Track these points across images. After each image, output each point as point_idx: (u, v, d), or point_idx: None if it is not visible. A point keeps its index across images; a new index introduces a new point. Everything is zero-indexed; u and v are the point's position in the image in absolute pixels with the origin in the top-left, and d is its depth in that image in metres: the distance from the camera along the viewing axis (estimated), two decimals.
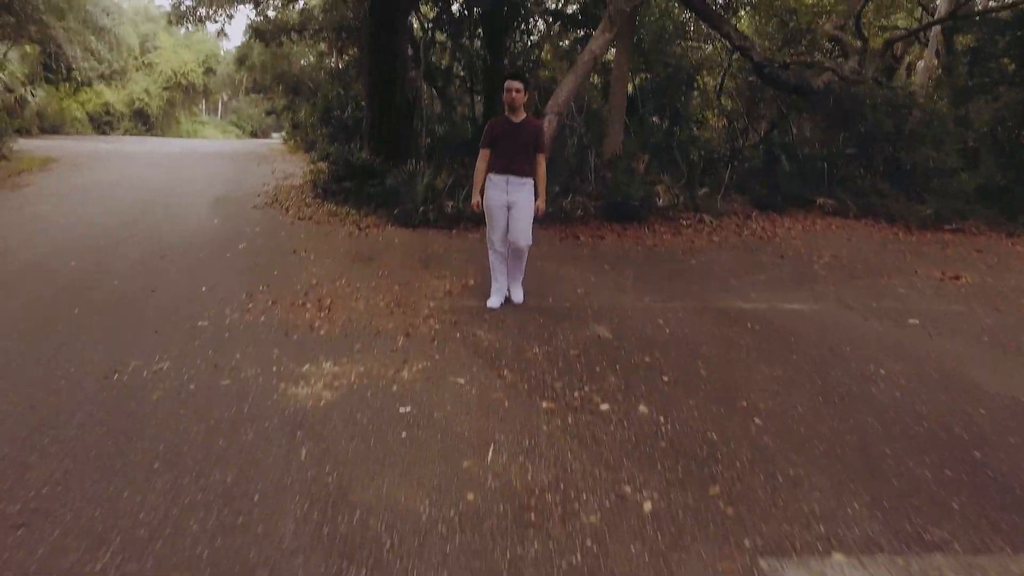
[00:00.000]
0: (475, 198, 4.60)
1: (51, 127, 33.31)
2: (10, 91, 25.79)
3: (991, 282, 6.03)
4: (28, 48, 24.44)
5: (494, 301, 4.66)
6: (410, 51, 9.64)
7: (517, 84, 4.37)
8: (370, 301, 4.79)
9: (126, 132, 40.37)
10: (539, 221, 4.83)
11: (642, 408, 3.08)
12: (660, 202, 10.23)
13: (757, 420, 2.99)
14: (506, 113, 4.50)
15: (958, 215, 9.59)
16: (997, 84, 11.41)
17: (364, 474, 2.45)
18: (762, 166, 12.38)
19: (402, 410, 3.00)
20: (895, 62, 17.75)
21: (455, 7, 12.33)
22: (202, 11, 19.50)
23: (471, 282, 5.35)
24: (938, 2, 15.25)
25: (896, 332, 4.45)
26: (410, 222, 8.32)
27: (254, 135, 51.37)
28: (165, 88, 44.43)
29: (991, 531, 2.17)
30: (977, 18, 12.58)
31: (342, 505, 2.24)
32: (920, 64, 21.00)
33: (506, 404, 3.09)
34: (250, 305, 4.62)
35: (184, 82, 45.11)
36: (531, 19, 11.94)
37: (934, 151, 10.70)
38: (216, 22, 20.22)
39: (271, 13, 20.98)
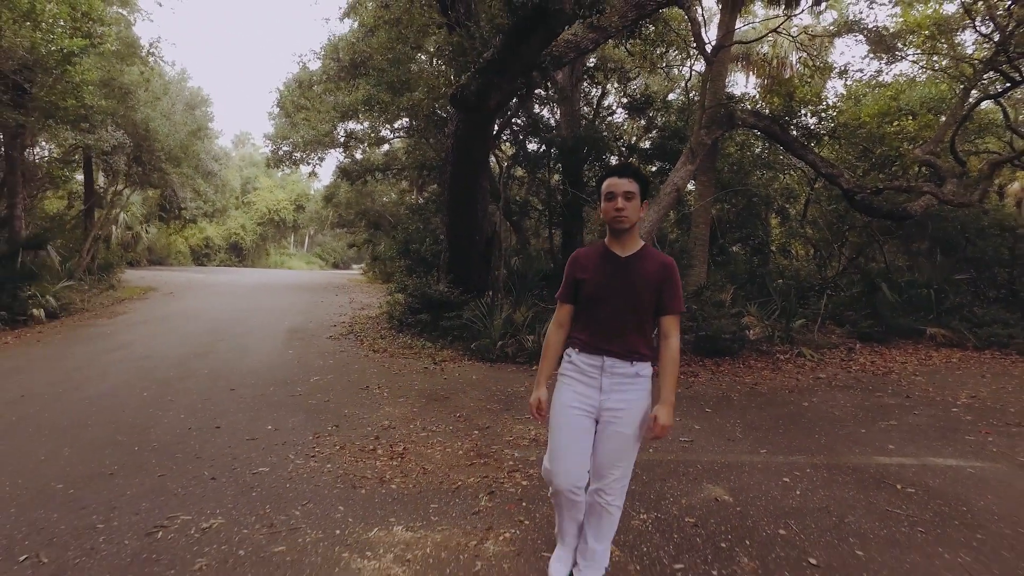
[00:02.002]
0: (536, 394, 2.50)
1: (157, 259, 36.21)
2: (129, 229, 28.20)
3: None
4: (150, 192, 26.95)
5: (558, 570, 2.54)
6: (488, 185, 9.74)
7: (626, 184, 2.38)
8: (447, 449, 4.29)
9: (221, 263, 43.38)
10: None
11: None
12: (751, 335, 9.57)
13: None
14: (606, 241, 2.49)
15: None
16: None
17: None
18: (859, 295, 11.57)
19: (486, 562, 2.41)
20: (989, 185, 16.98)
21: (532, 145, 12.66)
22: (297, 155, 21.03)
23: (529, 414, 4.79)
24: None
25: None
26: (488, 356, 7.95)
27: (335, 266, 54.07)
28: (259, 224, 48.08)
29: None
30: None
31: None
32: (1013, 187, 20.10)
33: None
34: (316, 449, 4.20)
35: (276, 218, 48.69)
36: (608, 154, 12.04)
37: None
38: (309, 164, 21.76)
39: (358, 155, 22.53)
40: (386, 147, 23.32)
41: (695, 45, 9.82)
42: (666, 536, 2.97)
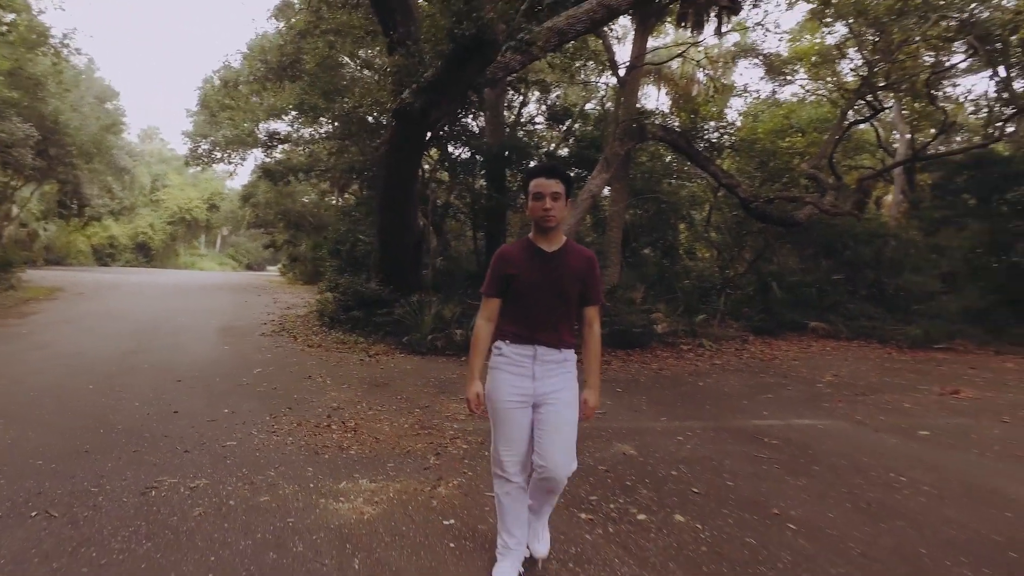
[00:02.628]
0: (471, 389, 2.58)
1: (56, 259, 34.19)
2: (24, 226, 26.67)
3: (991, 396, 6.22)
4: (47, 187, 25.66)
5: (504, 572, 2.56)
6: (417, 190, 10.31)
7: (553, 184, 2.49)
8: (394, 423, 4.88)
9: (127, 264, 41.37)
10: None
11: (678, 517, 3.14)
12: (659, 329, 10.54)
13: (791, 526, 3.06)
14: (531, 236, 2.59)
15: (946, 336, 9.96)
16: (962, 216, 12.24)
17: None
18: (754, 293, 12.88)
19: (446, 523, 3.05)
20: (865, 197, 19.02)
21: (458, 151, 13.29)
22: (217, 153, 20.76)
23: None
24: (897, 145, 16.66)
25: (909, 444, 4.57)
26: (419, 349, 8.52)
27: (249, 268, 52.60)
28: (169, 223, 46.17)
29: None
30: (944, 159, 13.64)
31: None
32: (888, 199, 22.45)
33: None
34: (275, 427, 4.69)
35: (188, 217, 46.95)
36: (530, 161, 12.86)
37: (914, 276, 11.27)
38: (230, 163, 21.49)
39: (277, 155, 22.38)
40: (308, 148, 23.30)
41: (609, 67, 10.74)
42: (584, 479, 3.70)
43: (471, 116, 12.62)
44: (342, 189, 27.01)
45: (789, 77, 15.82)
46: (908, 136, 16.67)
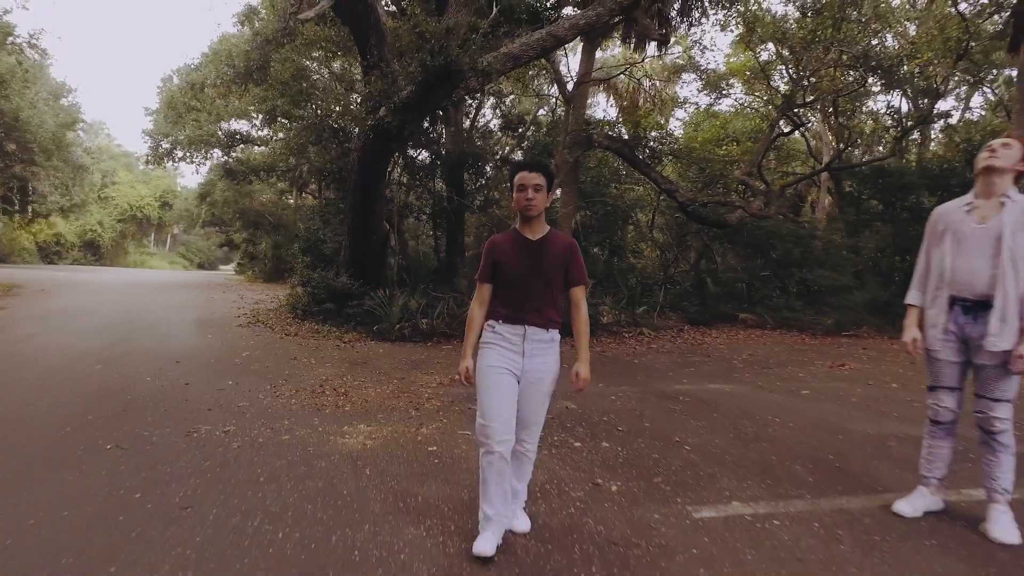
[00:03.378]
0: (464, 363, 2.85)
1: None
2: None
3: (869, 368, 7.55)
4: None
5: (485, 543, 2.65)
6: (385, 192, 11.19)
7: (536, 177, 2.74)
8: (377, 390, 5.83)
9: (75, 262, 40.56)
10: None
11: (604, 444, 4.21)
12: (604, 320, 11.68)
13: (687, 447, 4.17)
14: (517, 227, 2.86)
15: (854, 324, 11.40)
16: (871, 220, 13.81)
17: (416, 482, 3.47)
18: (691, 288, 14.19)
19: (430, 449, 4.04)
20: (800, 201, 20.70)
21: (419, 156, 14.18)
22: (178, 153, 21.12)
23: (455, 379, 6.46)
24: (823, 154, 18.30)
25: (791, 399, 5.78)
26: (388, 337, 9.44)
27: (201, 267, 52.12)
28: (119, 220, 45.43)
29: (832, 492, 3.33)
30: (853, 169, 15.22)
31: (408, 497, 3.25)
32: (826, 202, 24.29)
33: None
34: (277, 393, 5.58)
35: (140, 215, 46.31)
36: (487, 165, 13.85)
37: (833, 273, 12.70)
38: (192, 163, 21.84)
39: (235, 155, 22.81)
40: (269, 148, 23.76)
41: (557, 88, 11.81)
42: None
43: (431, 123, 13.53)
44: (300, 189, 27.51)
45: (725, 91, 17.22)
46: (833, 146, 18.32)
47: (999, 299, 2.78)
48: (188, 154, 21.19)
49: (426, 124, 13.51)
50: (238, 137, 20.81)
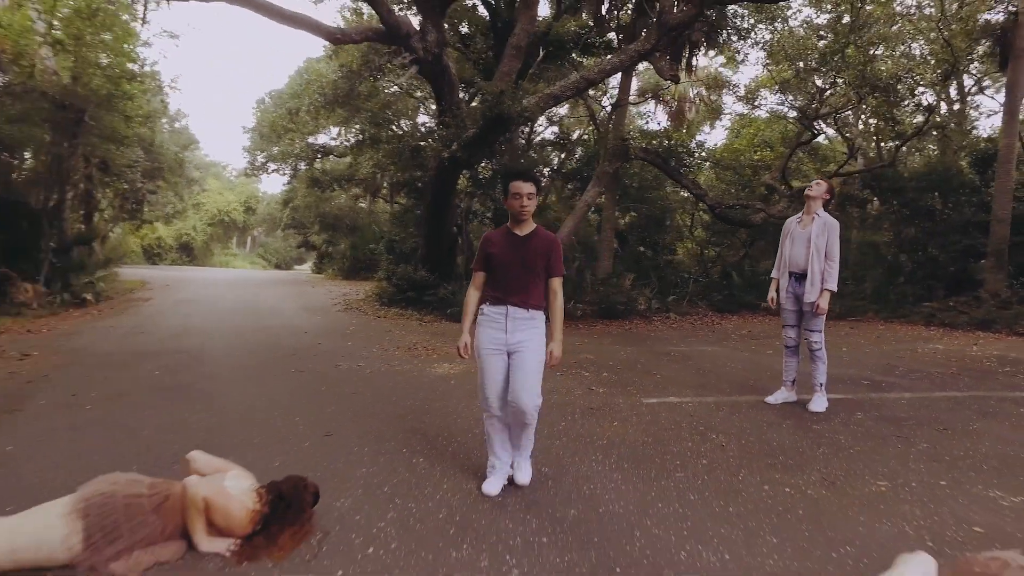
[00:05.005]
0: (462, 339, 3.34)
1: (116, 258, 37.80)
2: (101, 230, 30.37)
3: (831, 340, 9.40)
4: (110, 194, 29.34)
5: (491, 486, 3.30)
6: (454, 201, 13.61)
7: (528, 187, 3.26)
8: (452, 349, 8.15)
9: (172, 262, 45.11)
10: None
11: (604, 373, 6.41)
12: (639, 306, 13.74)
13: (658, 376, 6.34)
14: (508, 225, 3.37)
15: (859, 311, 13.10)
16: (877, 220, 15.39)
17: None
18: (720, 280, 16.06)
19: None
20: (830, 199, 22.08)
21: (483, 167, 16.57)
22: (271, 165, 24.25)
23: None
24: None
25: (752, 355, 7.80)
26: (458, 318, 11.78)
27: (278, 267, 56.28)
28: (209, 224, 49.91)
29: (735, 394, 5.41)
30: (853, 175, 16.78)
31: (473, 394, 5.53)
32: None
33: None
34: (384, 349, 8.00)
35: (227, 219, 50.70)
36: (542, 176, 16.10)
37: (845, 268, 14.38)
38: (283, 174, 24.97)
39: (321, 165, 25.79)
40: (345, 159, 26.66)
41: (588, 117, 13.91)
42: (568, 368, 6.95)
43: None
44: (374, 194, 30.42)
45: (756, 103, 18.89)
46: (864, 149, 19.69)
47: (809, 272, 4.87)
48: (280, 166, 24.31)
49: None
50: (323, 150, 23.76)
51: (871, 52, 13.04)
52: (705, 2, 9.51)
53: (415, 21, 11.02)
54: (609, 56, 10.76)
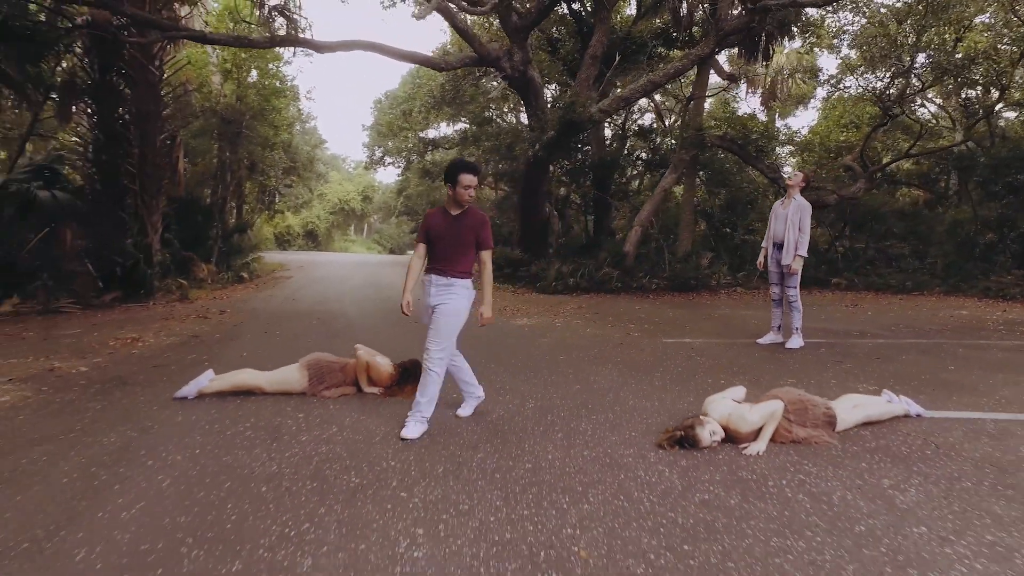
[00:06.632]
0: (404, 298, 3.92)
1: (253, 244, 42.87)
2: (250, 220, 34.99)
3: (879, 307, 10.55)
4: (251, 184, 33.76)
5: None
6: (546, 189, 15.62)
7: (475, 179, 3.81)
8: (533, 310, 10.23)
9: (300, 248, 50.03)
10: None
11: (645, 325, 8.24)
12: (713, 282, 15.15)
13: (688, 327, 8.06)
14: (445, 205, 3.91)
15: (923, 285, 13.87)
16: (951, 198, 15.81)
17: (545, 334, 7.77)
18: None
19: (556, 324, 8.35)
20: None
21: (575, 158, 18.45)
22: (388, 159, 27.19)
23: (582, 308, 10.67)
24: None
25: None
26: (546, 291, 13.83)
27: (391, 251, 60.50)
28: (331, 213, 54.70)
29: (736, 337, 7.08)
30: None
31: (544, 335, 7.56)
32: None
33: (589, 323, 8.33)
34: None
35: (347, 208, 55.33)
36: (626, 167, 17.75)
37: (906, 245, 15.15)
38: (397, 167, 27.90)
39: (431, 158, 28.48)
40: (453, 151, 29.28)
41: (659, 118, 15.35)
42: (616, 318, 8.82)
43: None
44: (480, 182, 32.94)
45: (841, 85, 19.40)
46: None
47: (786, 242, 6.50)
48: (395, 160, 27.25)
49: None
50: (433, 144, 26.45)
51: (947, 35, 13.68)
52: (757, 8, 10.83)
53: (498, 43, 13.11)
54: (673, 62, 12.32)
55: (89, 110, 11.31)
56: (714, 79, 18.96)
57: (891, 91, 15.65)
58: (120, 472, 3.19)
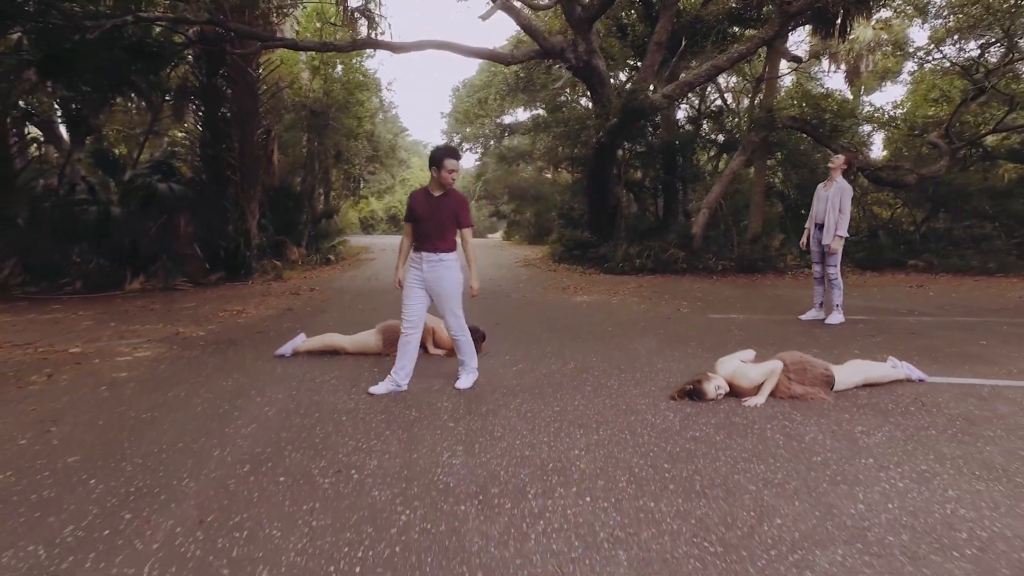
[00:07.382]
0: (396, 274, 4.37)
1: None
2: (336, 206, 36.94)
3: (940, 288, 10.45)
4: (336, 172, 35.59)
5: (378, 388, 4.37)
6: (615, 173, 16.04)
7: (457, 164, 4.16)
8: (595, 289, 10.82)
9: (383, 232, 52.24)
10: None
11: (699, 304, 8.69)
12: (781, 265, 15.17)
13: (738, 304, 8.46)
14: (428, 187, 4.23)
15: (1009, 266, 13.42)
16: None
17: (604, 313, 8.37)
18: (866, 237, 16.71)
19: (613, 302, 8.93)
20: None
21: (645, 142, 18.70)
22: (466, 145, 28.11)
23: (642, 287, 11.15)
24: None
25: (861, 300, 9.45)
26: (613, 271, 14.34)
27: None
28: None
29: (778, 313, 7.44)
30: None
31: (600, 312, 8.17)
32: None
33: (645, 300, 8.85)
34: (546, 288, 10.87)
35: None
36: (694, 151, 17.85)
37: (996, 224, 14.58)
38: (475, 152, 28.80)
39: (507, 143, 29.22)
40: (529, 137, 29.85)
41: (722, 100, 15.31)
42: (660, 294, 9.29)
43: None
44: (556, 166, 33.44)
45: (929, 58, 18.63)
46: None
47: (826, 222, 6.82)
48: (472, 145, 28.16)
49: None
50: (508, 129, 27.16)
51: None
52: None
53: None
54: (737, 46, 12.44)
55: (200, 111, 12.71)
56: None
57: (982, 60, 15.04)
58: (238, 404, 4.15)
